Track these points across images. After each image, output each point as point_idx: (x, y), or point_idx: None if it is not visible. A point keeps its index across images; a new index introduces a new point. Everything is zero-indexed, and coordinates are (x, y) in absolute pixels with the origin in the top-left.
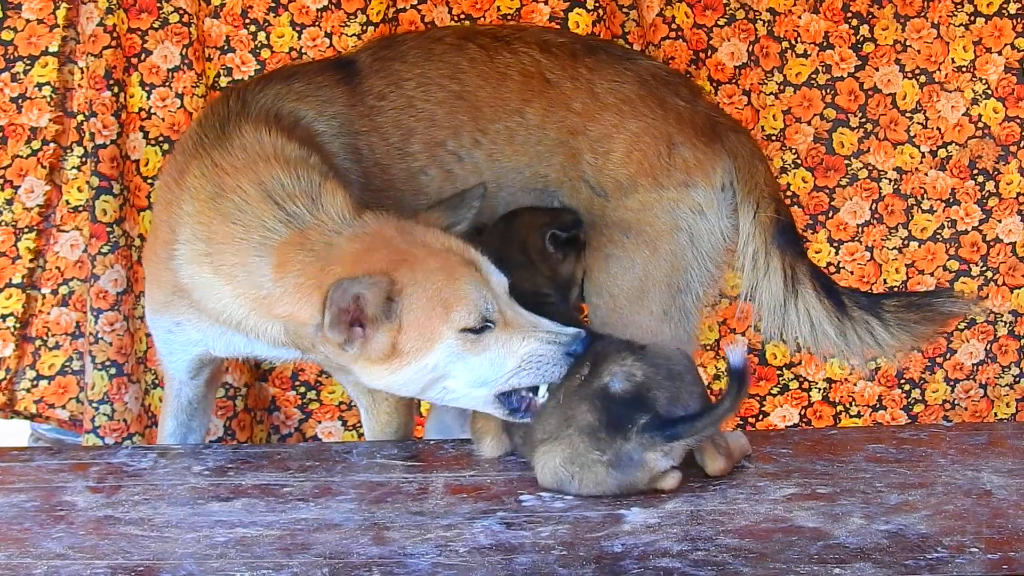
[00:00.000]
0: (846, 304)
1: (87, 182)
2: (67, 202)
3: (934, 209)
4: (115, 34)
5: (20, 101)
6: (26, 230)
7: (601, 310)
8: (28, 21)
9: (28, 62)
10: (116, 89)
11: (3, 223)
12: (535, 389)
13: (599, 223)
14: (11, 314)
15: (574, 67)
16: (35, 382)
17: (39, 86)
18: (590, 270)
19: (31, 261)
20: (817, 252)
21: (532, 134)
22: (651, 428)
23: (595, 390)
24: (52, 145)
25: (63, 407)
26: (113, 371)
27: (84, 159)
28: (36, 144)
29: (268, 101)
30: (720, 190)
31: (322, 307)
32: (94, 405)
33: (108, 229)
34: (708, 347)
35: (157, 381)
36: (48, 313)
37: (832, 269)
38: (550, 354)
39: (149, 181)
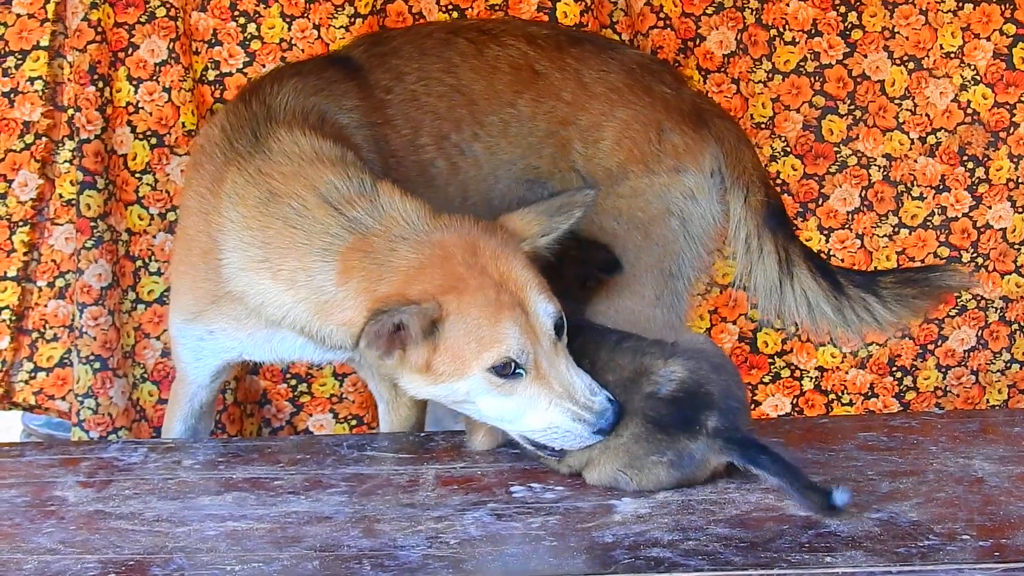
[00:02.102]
0: (842, 283)
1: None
2: (60, 196)
3: (924, 196)
4: (99, 29)
5: (12, 96)
6: (20, 223)
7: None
8: (19, 16)
9: (19, 57)
10: (101, 84)
11: None
12: None
13: (589, 212)
14: (7, 307)
15: (561, 58)
16: (33, 374)
17: (31, 80)
18: None
19: (25, 254)
20: (808, 240)
21: (524, 126)
22: (722, 436)
23: (643, 399)
24: (44, 139)
25: (62, 398)
26: (97, 365)
27: (75, 153)
28: (29, 138)
29: (289, 99)
30: (709, 175)
31: (359, 332)
32: (79, 399)
33: (92, 224)
34: None
35: (146, 375)
36: (45, 306)
37: (823, 257)
38: (575, 431)
39: (137, 175)
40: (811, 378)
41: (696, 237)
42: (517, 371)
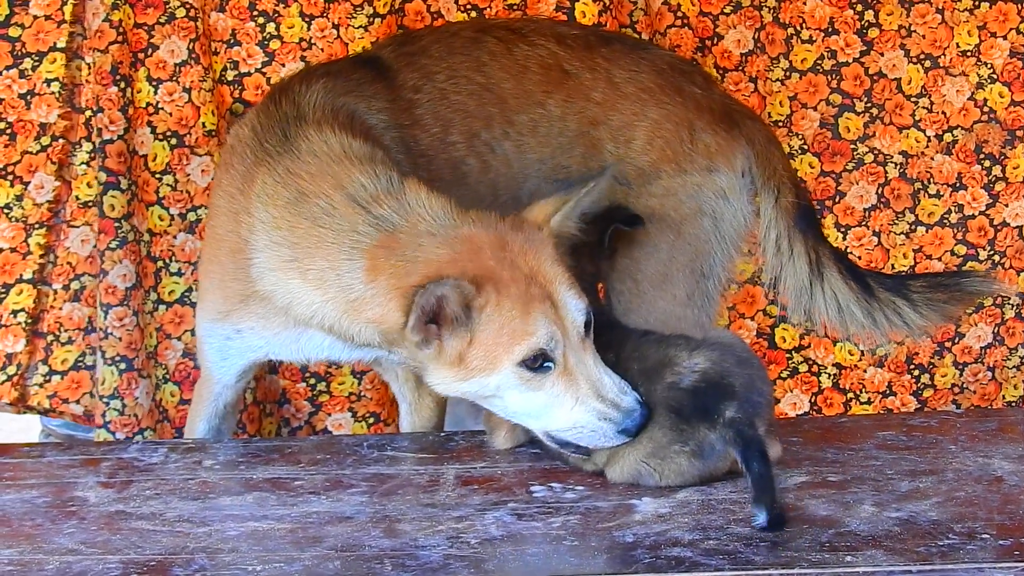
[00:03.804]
0: (872, 286)
1: (95, 178)
2: (76, 198)
3: (941, 194)
4: (121, 29)
5: (29, 97)
6: (36, 226)
7: (624, 295)
8: (36, 17)
9: (36, 58)
10: (123, 84)
11: (13, 219)
12: None
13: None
14: (22, 310)
15: (591, 58)
16: (48, 377)
17: (47, 82)
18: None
19: (41, 257)
20: None
21: (554, 125)
22: (735, 427)
23: (665, 389)
24: (61, 141)
25: (77, 402)
26: (123, 366)
27: (93, 155)
28: (45, 140)
29: (319, 99)
30: (741, 175)
31: (405, 305)
32: (104, 400)
33: (116, 224)
34: None
35: (168, 376)
36: (60, 308)
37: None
38: (600, 431)
39: (157, 176)
40: (829, 375)
41: (727, 237)
42: (546, 364)
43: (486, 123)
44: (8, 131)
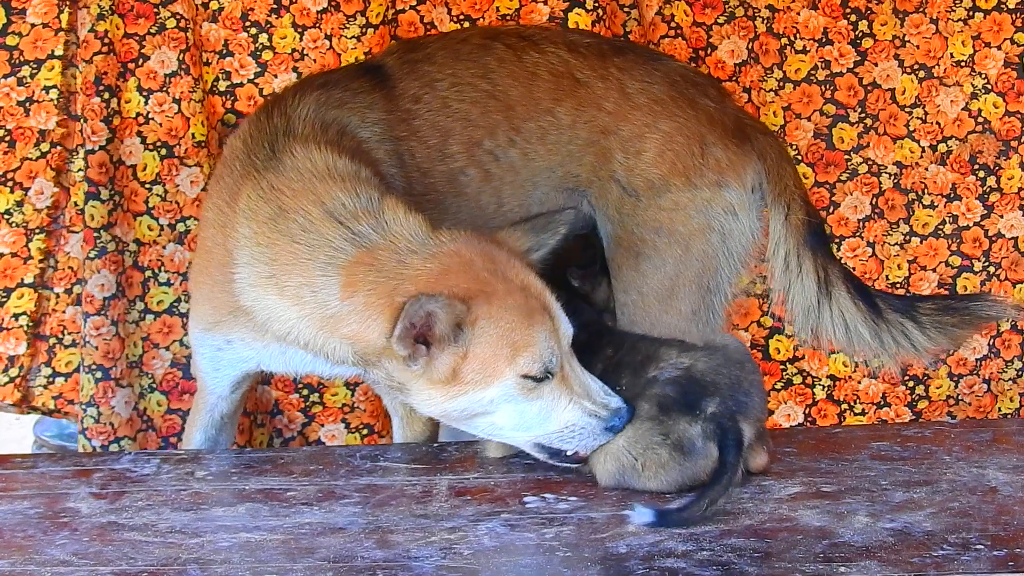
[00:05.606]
0: (880, 307)
1: None
2: (75, 203)
3: (935, 204)
4: (106, 40)
5: (27, 104)
6: (37, 231)
7: (629, 308)
8: (33, 25)
9: (34, 66)
10: (107, 95)
11: (14, 224)
12: None
13: (629, 223)
14: (24, 313)
15: (603, 67)
16: (51, 379)
17: (46, 89)
18: (619, 268)
19: (41, 261)
20: None
21: (563, 133)
22: (715, 421)
23: (646, 383)
24: (59, 148)
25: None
26: (99, 375)
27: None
28: (45, 146)
29: (310, 112)
30: (751, 191)
31: (394, 319)
32: (82, 407)
33: (95, 234)
34: None
35: (154, 385)
36: (63, 312)
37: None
38: (589, 428)
39: (147, 186)
40: (823, 387)
41: (735, 253)
42: (547, 374)
43: (490, 131)
44: (7, 138)
